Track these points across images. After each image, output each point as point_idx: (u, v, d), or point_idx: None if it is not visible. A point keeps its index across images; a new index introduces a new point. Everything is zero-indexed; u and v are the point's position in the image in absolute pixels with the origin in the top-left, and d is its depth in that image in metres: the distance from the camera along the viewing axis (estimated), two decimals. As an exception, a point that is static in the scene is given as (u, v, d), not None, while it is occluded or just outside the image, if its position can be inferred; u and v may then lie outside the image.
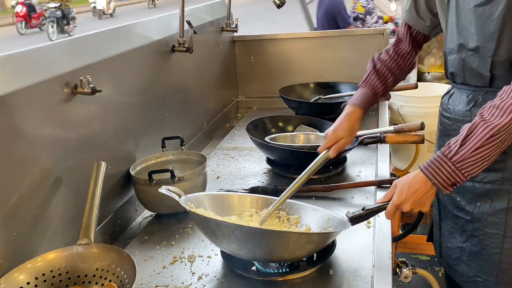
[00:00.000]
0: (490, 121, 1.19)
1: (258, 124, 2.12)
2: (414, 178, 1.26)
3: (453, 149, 1.21)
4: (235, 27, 2.76)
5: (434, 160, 1.24)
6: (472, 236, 1.43)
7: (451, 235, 1.52)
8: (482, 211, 1.39)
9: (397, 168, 2.85)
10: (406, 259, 1.38)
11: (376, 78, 1.62)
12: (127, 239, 1.55)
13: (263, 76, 2.89)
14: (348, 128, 1.54)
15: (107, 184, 1.47)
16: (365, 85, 1.63)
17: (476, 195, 1.40)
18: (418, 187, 1.24)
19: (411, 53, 1.64)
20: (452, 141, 1.23)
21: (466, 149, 1.20)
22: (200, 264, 1.36)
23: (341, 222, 1.33)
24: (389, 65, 1.63)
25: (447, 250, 1.54)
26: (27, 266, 1.15)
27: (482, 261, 1.41)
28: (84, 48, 1.50)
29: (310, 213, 1.43)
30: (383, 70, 1.63)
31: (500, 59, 1.30)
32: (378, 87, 1.62)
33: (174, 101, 2.07)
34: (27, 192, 1.22)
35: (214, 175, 1.93)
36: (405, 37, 1.63)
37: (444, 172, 1.22)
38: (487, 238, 1.39)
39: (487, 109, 1.22)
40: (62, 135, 1.36)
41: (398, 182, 1.29)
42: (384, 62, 1.64)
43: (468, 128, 1.21)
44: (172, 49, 2.03)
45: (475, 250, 1.43)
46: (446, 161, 1.21)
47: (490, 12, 1.28)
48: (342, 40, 2.78)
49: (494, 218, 1.37)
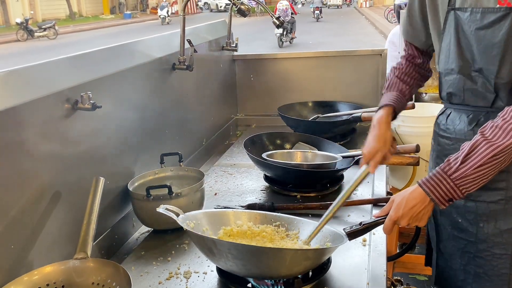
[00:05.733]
0: (493, 141, 1.20)
1: (256, 140, 2.14)
2: (412, 193, 1.26)
3: (453, 166, 1.22)
4: (235, 46, 2.80)
5: (433, 176, 1.25)
6: (475, 257, 1.42)
7: (451, 257, 1.51)
8: (486, 232, 1.38)
9: (394, 188, 2.85)
10: (404, 279, 1.38)
11: (399, 80, 1.60)
12: (124, 254, 1.56)
13: (263, 94, 2.92)
14: (380, 138, 1.44)
15: (105, 199, 1.48)
16: (390, 89, 1.59)
17: (479, 215, 1.39)
18: (416, 202, 1.25)
19: (424, 62, 1.64)
20: (451, 158, 1.25)
21: (467, 166, 1.21)
22: (195, 280, 1.36)
23: (338, 237, 1.33)
24: (407, 71, 1.62)
25: (451, 272, 1.52)
26: (24, 279, 1.16)
27: (490, 283, 1.40)
28: (86, 65, 1.53)
29: (309, 228, 1.43)
30: (402, 76, 1.62)
31: (502, 81, 1.32)
32: (403, 88, 1.59)
33: (174, 118, 2.10)
34: (25, 205, 1.23)
35: (211, 192, 1.94)
36: (413, 51, 1.63)
37: (442, 188, 1.23)
38: (494, 259, 1.38)
39: (489, 128, 1.23)
40: (62, 150, 1.37)
41: (396, 197, 1.30)
42: (401, 69, 1.63)
43: (470, 146, 1.22)
44: (173, 67, 2.07)
45: (480, 272, 1.41)
46: (445, 178, 1.23)
47: (492, 36, 1.29)
48: (341, 60, 2.82)
49: (500, 239, 1.36)
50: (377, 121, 1.47)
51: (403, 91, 1.57)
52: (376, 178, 1.90)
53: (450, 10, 1.39)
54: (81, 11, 31.96)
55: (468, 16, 1.34)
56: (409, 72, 1.62)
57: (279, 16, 2.37)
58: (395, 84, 1.59)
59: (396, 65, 1.66)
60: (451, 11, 1.38)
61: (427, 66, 1.65)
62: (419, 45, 1.61)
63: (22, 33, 19.87)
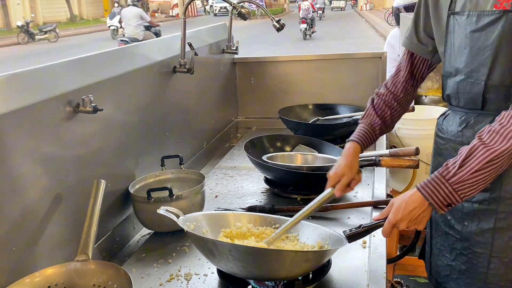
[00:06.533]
0: (490, 145, 1.21)
1: (256, 143, 2.15)
2: (411, 197, 1.27)
3: (451, 170, 1.23)
4: (236, 49, 2.81)
5: (431, 180, 1.26)
6: (460, 254, 1.45)
7: (440, 253, 1.54)
8: (469, 230, 1.42)
9: (395, 190, 2.86)
10: (404, 281, 1.40)
11: (374, 113, 1.61)
12: (125, 256, 1.56)
13: (263, 97, 2.93)
14: (347, 165, 1.52)
15: (106, 202, 1.48)
16: (363, 121, 1.63)
17: (465, 214, 1.43)
18: (415, 206, 1.26)
19: (408, 82, 1.61)
20: (450, 162, 1.25)
21: (464, 171, 1.22)
22: (196, 282, 1.36)
23: (338, 240, 1.34)
24: (386, 99, 1.62)
25: (437, 267, 1.56)
26: (26, 281, 1.16)
27: (470, 280, 1.43)
28: (87, 68, 1.54)
29: (308, 230, 1.44)
30: (380, 105, 1.62)
31: (493, 84, 1.34)
32: (375, 122, 1.60)
33: (175, 121, 2.10)
34: (27, 208, 1.24)
35: (212, 194, 1.94)
36: (405, 66, 1.61)
37: (441, 193, 1.24)
38: (475, 257, 1.41)
39: (486, 133, 1.24)
40: (63, 153, 1.38)
41: (395, 200, 1.31)
42: (381, 96, 1.63)
43: (468, 150, 1.23)
44: (174, 70, 2.08)
45: (464, 269, 1.45)
46: (443, 182, 1.23)
47: (486, 38, 1.32)
48: (341, 63, 2.83)
49: (481, 238, 1.39)
50: (344, 153, 1.55)
51: (373, 125, 1.60)
52: (376, 181, 1.90)
53: (450, 15, 1.41)
54: (82, 14, 32.03)
55: (464, 19, 1.36)
56: (387, 99, 1.62)
57: (279, 19, 2.37)
58: (369, 116, 1.62)
59: (376, 92, 1.66)
60: (451, 16, 1.41)
61: (409, 88, 1.62)
62: (422, 54, 1.58)
63: (23, 36, 19.90)
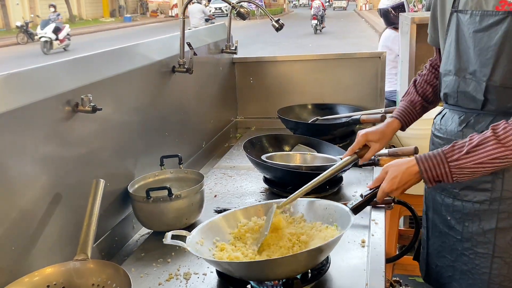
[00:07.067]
0: (503, 143, 1.21)
1: (255, 142, 2.15)
2: (408, 170, 1.30)
3: (456, 154, 1.25)
4: (235, 49, 2.81)
5: (433, 156, 1.27)
6: (462, 255, 1.45)
7: (439, 253, 1.54)
8: (471, 230, 1.42)
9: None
10: (403, 281, 1.40)
11: (414, 91, 1.69)
12: (124, 256, 1.56)
13: (262, 97, 2.93)
14: (381, 132, 1.58)
15: (105, 201, 1.49)
16: (404, 99, 1.70)
17: (465, 214, 1.43)
18: (410, 178, 1.31)
19: None
20: (457, 144, 1.26)
21: (469, 159, 1.23)
22: (195, 282, 1.37)
23: (344, 214, 1.36)
24: (427, 78, 1.69)
25: (437, 268, 1.56)
26: (25, 281, 1.16)
27: (472, 280, 1.43)
28: (86, 68, 1.54)
29: (312, 208, 1.46)
30: (422, 83, 1.70)
31: (494, 84, 1.34)
32: (415, 99, 1.68)
33: (174, 121, 2.10)
34: (26, 207, 1.24)
35: (211, 194, 1.94)
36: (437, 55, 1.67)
37: (437, 171, 1.26)
38: (477, 257, 1.41)
39: (502, 128, 1.23)
40: (62, 153, 1.38)
41: (390, 168, 1.34)
42: (423, 76, 1.71)
43: (479, 140, 1.24)
44: (173, 69, 2.08)
45: (466, 269, 1.45)
46: (444, 162, 1.25)
47: (489, 39, 1.32)
48: (340, 63, 2.83)
49: (483, 238, 1.39)
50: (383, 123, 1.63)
51: (413, 102, 1.67)
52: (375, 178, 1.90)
53: (454, 12, 1.41)
54: (81, 14, 31.98)
55: (468, 18, 1.36)
56: (428, 78, 1.69)
57: (278, 19, 2.37)
58: (409, 94, 1.70)
59: (418, 73, 1.73)
60: (454, 13, 1.41)
61: None
62: None
63: (23, 36, 19.87)
